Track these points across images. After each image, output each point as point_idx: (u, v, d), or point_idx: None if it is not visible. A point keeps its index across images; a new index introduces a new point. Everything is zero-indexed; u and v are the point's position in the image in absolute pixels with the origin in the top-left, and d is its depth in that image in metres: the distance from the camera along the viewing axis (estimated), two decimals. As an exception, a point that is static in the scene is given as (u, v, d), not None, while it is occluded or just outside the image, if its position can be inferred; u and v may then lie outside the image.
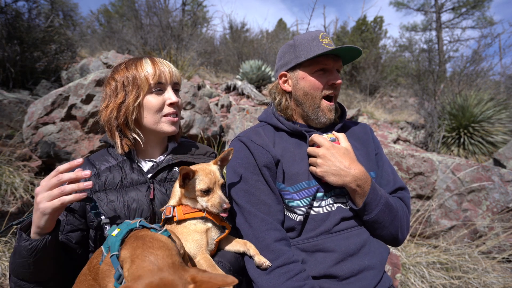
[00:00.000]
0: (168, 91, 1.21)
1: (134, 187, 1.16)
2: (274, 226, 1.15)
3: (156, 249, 0.74)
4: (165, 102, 1.20)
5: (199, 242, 1.01)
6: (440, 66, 7.93)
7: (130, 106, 1.15)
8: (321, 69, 1.31)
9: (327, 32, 15.70)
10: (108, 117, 1.17)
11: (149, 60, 1.19)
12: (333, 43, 1.31)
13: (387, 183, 1.38)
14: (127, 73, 1.16)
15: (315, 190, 1.23)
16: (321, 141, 1.24)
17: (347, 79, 14.79)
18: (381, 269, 1.20)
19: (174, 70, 1.23)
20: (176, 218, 1.04)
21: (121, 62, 1.24)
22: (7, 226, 1.07)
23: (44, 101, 3.38)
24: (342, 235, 1.21)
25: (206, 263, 0.97)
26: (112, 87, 1.18)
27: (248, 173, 1.22)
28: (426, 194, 3.32)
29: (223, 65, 13.21)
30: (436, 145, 6.27)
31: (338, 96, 1.39)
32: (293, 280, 1.05)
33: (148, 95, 1.17)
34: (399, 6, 22.04)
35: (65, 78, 5.82)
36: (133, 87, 1.15)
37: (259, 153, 1.24)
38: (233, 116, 4.41)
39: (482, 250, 2.84)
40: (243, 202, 1.19)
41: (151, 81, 1.15)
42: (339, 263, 1.15)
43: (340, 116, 1.46)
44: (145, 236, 0.81)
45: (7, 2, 5.98)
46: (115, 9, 19.31)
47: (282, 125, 1.36)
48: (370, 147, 1.42)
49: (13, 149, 3.51)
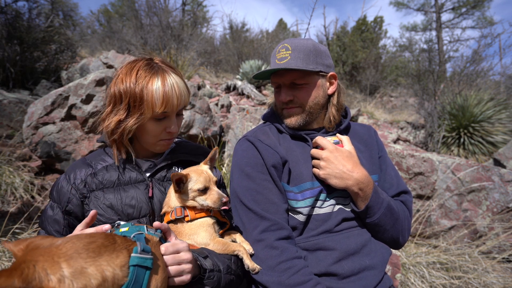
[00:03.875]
0: (171, 119, 1.16)
1: (133, 185, 1.17)
2: (281, 226, 1.16)
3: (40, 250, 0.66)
4: (165, 129, 1.17)
5: (209, 231, 1.09)
6: (440, 66, 7.93)
7: (128, 128, 1.11)
8: (277, 86, 1.36)
9: (327, 32, 15.73)
10: (106, 130, 1.15)
11: (160, 82, 1.09)
12: (290, 53, 1.27)
13: (390, 186, 1.38)
14: (134, 87, 1.08)
15: (318, 191, 1.23)
16: (325, 144, 1.24)
17: (347, 79, 14.79)
18: (382, 269, 1.20)
19: (184, 95, 1.15)
20: (189, 217, 1.09)
21: (131, 66, 1.14)
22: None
23: (44, 101, 3.38)
24: (343, 234, 1.22)
25: (219, 245, 1.08)
26: (117, 93, 1.11)
27: (255, 173, 1.22)
28: (426, 194, 3.31)
29: (223, 65, 13.21)
30: (436, 145, 6.27)
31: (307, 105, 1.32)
32: (298, 275, 1.06)
33: (149, 121, 1.13)
34: (399, 6, 22.04)
35: (65, 78, 5.82)
36: (138, 110, 1.09)
37: (268, 153, 1.24)
38: (233, 116, 4.41)
39: (482, 250, 2.84)
40: (250, 202, 1.19)
41: (157, 110, 1.09)
42: (340, 261, 1.15)
43: (344, 116, 1.46)
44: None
45: (7, 2, 5.99)
46: (115, 9, 19.32)
47: (283, 128, 1.37)
48: (373, 150, 1.42)
49: (13, 149, 3.51)
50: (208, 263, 0.98)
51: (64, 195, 1.14)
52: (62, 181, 1.17)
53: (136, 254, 0.74)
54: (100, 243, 0.69)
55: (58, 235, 1.12)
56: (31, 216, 2.64)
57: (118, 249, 0.72)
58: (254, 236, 1.15)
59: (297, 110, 1.31)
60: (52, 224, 1.13)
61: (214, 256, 1.03)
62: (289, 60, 1.25)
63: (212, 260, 1.00)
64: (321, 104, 1.33)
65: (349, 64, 14.76)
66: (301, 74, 1.27)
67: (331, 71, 1.34)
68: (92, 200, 1.12)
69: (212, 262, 0.99)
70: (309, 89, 1.29)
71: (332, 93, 1.36)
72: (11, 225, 2.41)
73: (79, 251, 0.64)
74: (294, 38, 1.32)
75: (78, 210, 1.14)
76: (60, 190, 1.15)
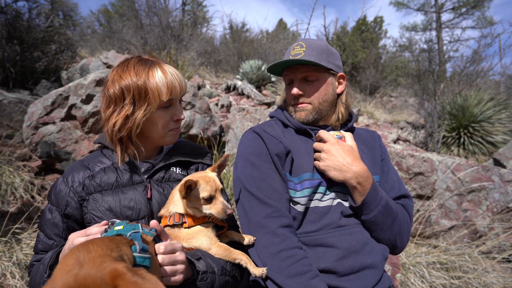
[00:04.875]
0: (177, 106, 1.19)
1: (131, 186, 1.16)
2: (283, 213, 1.17)
3: (95, 243, 0.65)
4: (172, 118, 1.18)
5: (209, 236, 1.09)
6: (440, 66, 7.94)
7: (138, 120, 1.09)
8: (289, 82, 1.41)
9: (327, 32, 15.73)
10: (112, 129, 1.11)
11: (160, 71, 1.11)
12: (304, 50, 1.33)
13: (391, 189, 1.38)
14: (136, 81, 1.08)
15: (317, 183, 1.24)
16: (327, 137, 1.27)
17: (347, 79, 14.75)
18: (382, 268, 1.20)
19: (183, 83, 1.18)
20: (187, 224, 1.08)
21: (125, 64, 1.14)
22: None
23: (44, 101, 3.38)
24: (344, 231, 1.21)
25: (221, 249, 1.07)
26: (117, 92, 1.09)
27: (260, 161, 1.25)
28: (426, 194, 3.31)
29: (223, 65, 13.21)
30: (436, 145, 6.27)
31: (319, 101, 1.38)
32: (298, 264, 1.06)
33: (157, 111, 1.13)
34: (399, 6, 22.03)
35: (65, 78, 5.82)
36: (144, 101, 1.09)
37: (272, 142, 1.28)
38: (233, 116, 4.41)
39: (482, 250, 2.84)
40: (253, 188, 1.21)
41: (164, 98, 1.10)
42: (341, 259, 1.15)
43: (349, 120, 1.49)
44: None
45: (7, 2, 5.99)
46: (115, 9, 19.30)
47: (289, 122, 1.41)
48: (376, 152, 1.44)
49: (13, 149, 3.51)
50: (201, 264, 0.98)
51: (62, 199, 1.13)
52: (60, 184, 1.16)
53: (136, 253, 0.73)
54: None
55: (58, 238, 1.12)
56: (31, 216, 2.64)
57: (125, 244, 0.73)
58: (256, 221, 1.16)
59: (307, 106, 1.36)
60: (51, 228, 1.12)
61: (208, 257, 1.02)
62: (303, 55, 1.31)
63: (205, 261, 1.00)
64: (330, 101, 1.38)
65: (349, 64, 14.75)
66: (313, 69, 1.33)
67: (341, 72, 1.41)
68: (91, 202, 1.11)
69: (206, 264, 0.99)
70: (319, 85, 1.34)
71: (341, 92, 1.42)
72: (11, 225, 2.41)
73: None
74: (309, 38, 1.39)
75: (77, 213, 1.13)
76: (58, 193, 1.14)
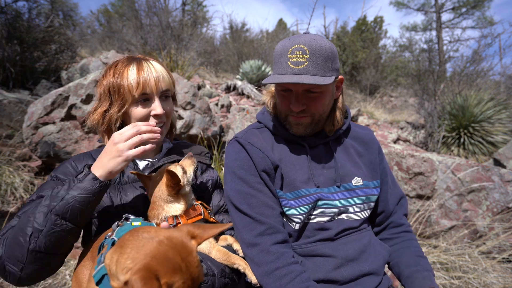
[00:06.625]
0: (155, 102, 1.16)
1: (130, 184, 1.17)
2: (276, 229, 1.12)
3: (147, 228, 0.73)
4: (150, 113, 1.17)
5: (209, 240, 1.07)
6: (440, 66, 7.93)
7: (114, 115, 1.13)
8: (285, 89, 1.19)
9: (327, 32, 15.72)
10: (93, 123, 1.18)
11: (135, 68, 1.13)
12: (308, 58, 1.09)
13: (392, 198, 1.36)
14: (113, 80, 1.13)
15: (315, 198, 1.17)
16: None
17: (347, 79, 14.79)
18: (381, 272, 1.19)
19: (162, 77, 1.16)
20: (181, 224, 1.07)
21: (111, 64, 1.19)
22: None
23: (44, 101, 3.38)
24: (341, 240, 1.19)
25: (220, 253, 1.06)
26: (101, 91, 1.16)
27: (248, 176, 1.18)
28: (426, 194, 3.31)
29: (223, 65, 13.20)
30: (436, 145, 6.27)
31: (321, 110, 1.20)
32: (294, 282, 1.03)
33: (133, 106, 1.14)
34: (399, 6, 22.00)
35: (65, 78, 5.82)
36: (118, 97, 1.13)
37: (257, 157, 1.19)
38: (233, 116, 4.41)
39: (482, 250, 2.83)
40: (243, 205, 1.15)
41: (135, 93, 1.11)
42: (339, 268, 1.13)
43: (344, 117, 1.36)
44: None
45: (7, 2, 5.99)
46: (115, 9, 19.30)
47: (279, 132, 1.29)
48: (374, 153, 1.36)
49: (13, 149, 3.51)
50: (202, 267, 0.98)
51: (70, 175, 1.12)
52: (68, 163, 1.16)
53: None
54: None
55: None
56: (31, 216, 2.64)
57: None
58: (249, 240, 1.10)
59: (307, 120, 1.20)
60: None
61: (208, 260, 1.02)
62: (306, 66, 1.08)
63: (206, 264, 0.99)
64: (328, 110, 1.25)
65: (349, 64, 14.75)
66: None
67: (340, 75, 1.23)
68: None
69: (206, 267, 0.99)
70: (323, 97, 1.17)
71: (337, 96, 1.28)
72: (11, 225, 2.40)
73: None
74: (309, 37, 1.12)
75: None
76: (66, 170, 1.14)
